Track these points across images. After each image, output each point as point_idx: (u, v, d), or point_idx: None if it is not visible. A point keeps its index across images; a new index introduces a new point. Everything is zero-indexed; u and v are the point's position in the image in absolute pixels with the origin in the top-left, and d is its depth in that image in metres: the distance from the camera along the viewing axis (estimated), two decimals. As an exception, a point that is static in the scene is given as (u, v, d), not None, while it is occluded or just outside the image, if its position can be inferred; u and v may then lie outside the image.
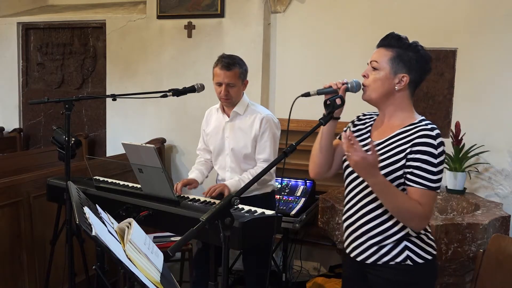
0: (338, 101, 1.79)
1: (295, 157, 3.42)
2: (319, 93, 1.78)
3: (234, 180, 2.78)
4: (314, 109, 2.59)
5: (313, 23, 3.94)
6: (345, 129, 1.98)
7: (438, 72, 3.59)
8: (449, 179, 3.32)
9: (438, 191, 1.75)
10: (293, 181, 3.66)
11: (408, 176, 1.72)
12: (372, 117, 1.96)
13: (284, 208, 3.38)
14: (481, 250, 2.46)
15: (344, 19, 3.83)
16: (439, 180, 1.73)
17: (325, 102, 1.80)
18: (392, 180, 1.73)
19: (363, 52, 3.68)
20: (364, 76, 1.82)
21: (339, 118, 1.86)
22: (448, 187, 3.33)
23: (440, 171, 1.73)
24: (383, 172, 1.72)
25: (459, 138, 3.32)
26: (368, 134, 1.90)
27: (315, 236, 3.80)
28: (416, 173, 1.71)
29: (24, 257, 3.08)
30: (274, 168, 2.87)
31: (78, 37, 4.93)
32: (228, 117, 2.86)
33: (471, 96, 3.50)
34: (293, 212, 3.33)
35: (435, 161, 1.71)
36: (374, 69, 1.79)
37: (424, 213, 1.70)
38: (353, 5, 3.80)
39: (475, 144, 3.37)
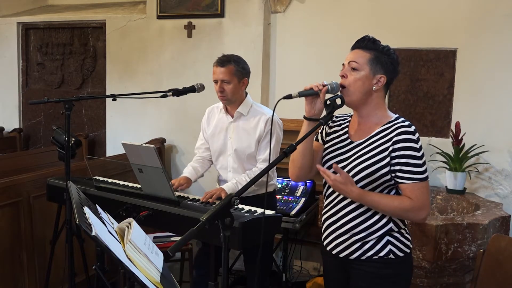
0: (338, 101, 1.82)
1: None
2: (300, 95, 1.80)
3: (231, 183, 2.76)
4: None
5: (313, 23, 3.94)
6: (320, 130, 2.03)
7: (438, 72, 3.59)
8: (449, 179, 3.32)
9: (428, 180, 1.83)
10: (293, 181, 3.66)
11: (398, 174, 1.80)
12: (346, 119, 2.01)
13: (284, 208, 3.38)
14: (481, 250, 2.46)
15: (344, 19, 3.83)
16: (426, 170, 1.82)
17: (325, 102, 1.83)
18: (379, 178, 1.81)
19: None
20: (342, 76, 1.85)
21: (319, 119, 1.87)
22: (448, 187, 3.33)
23: (425, 163, 1.82)
24: (369, 170, 1.80)
25: (459, 138, 3.32)
26: (346, 135, 1.94)
27: (315, 236, 3.80)
28: (404, 169, 1.79)
29: (24, 257, 3.08)
30: (274, 168, 2.87)
31: (78, 37, 4.94)
32: (232, 117, 2.85)
33: (471, 96, 3.50)
34: (293, 212, 3.32)
35: (419, 154, 1.80)
36: (353, 69, 1.83)
37: (416, 205, 1.79)
38: (353, 5, 3.80)
39: (475, 144, 3.37)
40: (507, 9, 3.37)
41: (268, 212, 2.41)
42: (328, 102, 1.81)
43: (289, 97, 1.77)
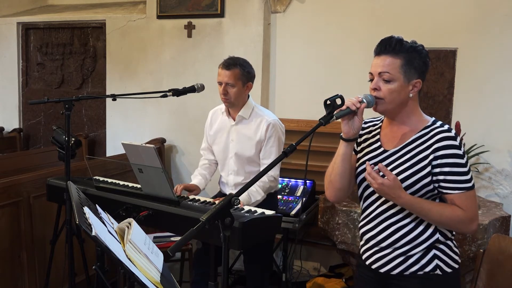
0: (338, 101, 1.77)
1: (295, 157, 3.42)
2: (337, 117, 1.67)
3: (245, 194, 2.68)
4: (314, 109, 2.59)
5: (313, 23, 3.94)
6: None
7: (438, 72, 3.59)
8: (449, 179, 3.32)
9: (475, 188, 1.71)
10: (293, 181, 3.66)
11: (442, 184, 1.68)
12: (375, 124, 1.89)
13: (284, 208, 3.38)
14: (481, 250, 2.46)
15: (344, 19, 3.83)
16: (472, 177, 1.70)
17: (325, 102, 1.77)
18: (420, 189, 1.69)
19: (363, 52, 3.69)
20: (375, 89, 1.72)
21: (356, 139, 1.78)
22: (448, 187, 3.32)
23: (470, 169, 1.70)
24: (409, 181, 1.68)
25: (459, 138, 3.32)
26: (378, 143, 1.82)
27: (315, 236, 3.80)
28: (450, 179, 1.67)
29: (24, 257, 3.08)
30: (278, 173, 2.89)
31: (78, 37, 4.93)
32: (234, 120, 2.85)
33: (471, 96, 3.50)
34: (293, 212, 3.32)
35: (463, 161, 1.68)
36: (386, 81, 1.70)
37: (468, 216, 1.67)
38: (353, 5, 3.80)
39: (475, 144, 3.37)
40: (507, 9, 3.37)
41: (268, 212, 2.41)
42: (328, 102, 1.75)
43: (327, 122, 1.64)
